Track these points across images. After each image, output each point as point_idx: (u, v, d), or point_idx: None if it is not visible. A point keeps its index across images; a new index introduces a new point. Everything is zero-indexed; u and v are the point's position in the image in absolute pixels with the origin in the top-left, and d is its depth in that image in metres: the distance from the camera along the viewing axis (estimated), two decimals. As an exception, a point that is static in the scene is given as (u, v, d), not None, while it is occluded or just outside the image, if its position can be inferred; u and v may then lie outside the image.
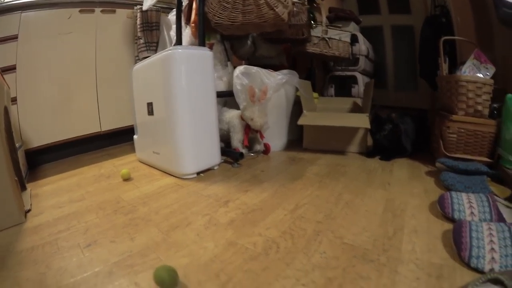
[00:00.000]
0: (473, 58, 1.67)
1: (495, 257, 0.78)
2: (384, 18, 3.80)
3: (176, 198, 1.40)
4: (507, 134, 1.41)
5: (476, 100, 1.56)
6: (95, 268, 0.88)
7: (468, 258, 0.81)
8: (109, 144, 2.78)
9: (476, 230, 0.88)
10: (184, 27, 2.33)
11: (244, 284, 0.78)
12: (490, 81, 1.54)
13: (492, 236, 0.84)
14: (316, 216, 1.14)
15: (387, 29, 3.82)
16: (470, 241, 0.84)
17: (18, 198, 1.26)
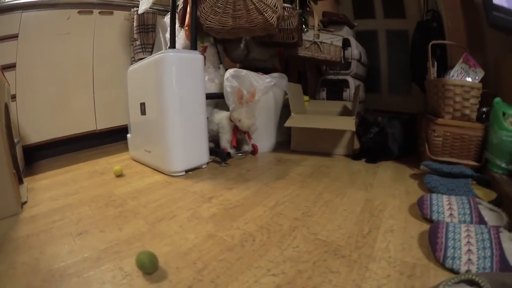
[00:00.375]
0: (462, 62, 1.69)
1: (472, 259, 0.79)
2: (379, 22, 3.83)
3: (164, 194, 1.48)
4: (494, 138, 1.41)
5: (463, 104, 1.57)
6: (85, 254, 0.96)
7: (443, 258, 0.82)
8: (104, 142, 2.83)
9: (453, 231, 0.89)
10: (179, 30, 2.39)
11: (218, 271, 0.84)
12: (478, 85, 1.56)
13: (470, 237, 0.85)
14: (294, 213, 1.20)
15: (382, 33, 3.84)
16: (445, 241, 0.85)
17: (15, 190, 1.34)
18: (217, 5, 1.82)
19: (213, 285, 0.78)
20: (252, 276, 0.81)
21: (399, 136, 1.94)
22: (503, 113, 1.39)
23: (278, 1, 1.78)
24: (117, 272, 0.86)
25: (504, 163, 1.37)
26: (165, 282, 0.81)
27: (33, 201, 1.48)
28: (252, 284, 0.78)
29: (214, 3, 1.83)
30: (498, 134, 1.40)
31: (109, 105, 2.72)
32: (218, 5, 1.82)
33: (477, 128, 1.54)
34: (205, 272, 0.84)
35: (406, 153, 1.96)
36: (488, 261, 0.77)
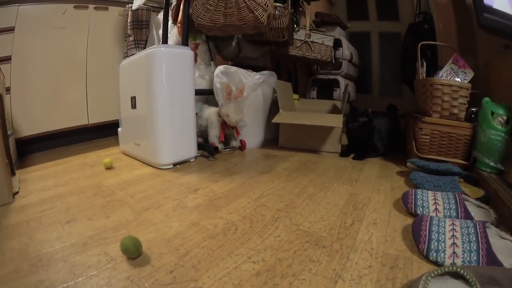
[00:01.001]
0: (451, 62, 1.71)
1: (457, 252, 0.80)
2: (373, 24, 3.87)
3: (151, 185, 1.51)
4: (483, 137, 1.43)
5: (452, 103, 1.59)
6: (72, 240, 0.99)
7: (426, 251, 0.83)
8: (95, 136, 2.85)
9: (438, 224, 0.90)
10: (172, 26, 2.41)
11: (199, 257, 0.86)
12: (467, 85, 1.58)
13: (455, 231, 0.86)
14: (277, 205, 1.23)
15: (375, 35, 3.88)
16: (429, 234, 0.86)
17: (8, 179, 1.36)
18: (209, 2, 1.84)
19: (194, 270, 0.81)
20: (232, 263, 0.84)
21: (384, 133, 1.98)
22: (492, 112, 1.42)
23: (269, 0, 1.80)
24: (102, 257, 0.89)
25: (493, 162, 1.39)
26: (148, 266, 0.83)
27: (24, 191, 1.50)
28: (232, 270, 0.80)
29: (206, 1, 1.85)
30: (486, 133, 1.42)
31: (101, 100, 2.73)
32: (210, 3, 1.84)
33: (465, 127, 1.57)
34: (187, 258, 0.87)
35: (392, 151, 2.00)
36: (474, 255, 0.79)
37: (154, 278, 0.79)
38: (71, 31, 2.50)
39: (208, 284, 0.75)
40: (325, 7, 3.79)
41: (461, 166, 1.53)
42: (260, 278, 0.77)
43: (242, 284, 0.75)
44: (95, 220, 1.14)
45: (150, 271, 0.81)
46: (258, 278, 0.77)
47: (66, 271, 0.82)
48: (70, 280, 0.78)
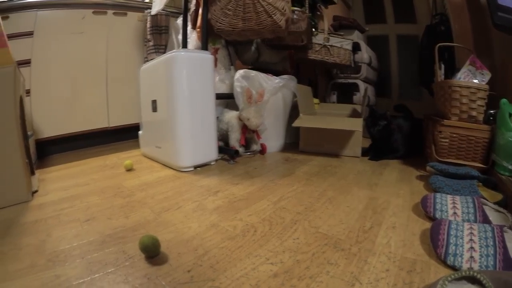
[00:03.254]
0: (469, 64, 1.66)
1: (475, 256, 0.77)
2: (390, 27, 3.82)
3: (171, 187, 1.50)
4: (501, 139, 1.38)
5: (470, 106, 1.54)
6: (90, 238, 0.99)
7: (444, 255, 0.81)
8: (115, 139, 2.87)
9: (456, 228, 0.88)
10: (191, 31, 2.41)
11: (217, 258, 0.85)
12: (485, 86, 1.53)
13: (473, 235, 0.83)
14: (297, 208, 1.20)
15: (393, 38, 3.83)
16: (447, 238, 0.84)
17: (27, 178, 1.37)
18: (228, 7, 1.84)
19: (212, 270, 0.80)
20: (250, 264, 0.82)
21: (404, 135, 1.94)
22: (510, 114, 1.36)
23: (287, 4, 1.80)
24: (120, 255, 0.88)
25: (511, 165, 1.34)
26: (166, 265, 0.83)
27: (43, 190, 1.52)
28: (250, 271, 0.79)
29: (224, 6, 1.85)
30: (505, 135, 1.37)
31: (122, 103, 2.76)
32: (228, 7, 1.84)
33: (484, 130, 1.52)
34: (205, 258, 0.86)
35: (412, 154, 1.96)
36: (491, 259, 0.76)
37: (172, 276, 0.78)
38: (91, 36, 2.55)
39: (225, 284, 0.74)
40: (343, 10, 3.76)
41: (479, 169, 1.46)
42: (278, 280, 0.76)
43: (259, 285, 0.74)
44: (114, 219, 1.14)
45: (168, 270, 0.81)
46: (276, 280, 0.76)
47: (83, 267, 0.82)
48: (86, 276, 0.78)
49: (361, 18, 3.96)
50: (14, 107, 1.33)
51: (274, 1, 1.77)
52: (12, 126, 1.32)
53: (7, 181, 1.32)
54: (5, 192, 1.31)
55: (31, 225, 1.12)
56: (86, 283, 0.75)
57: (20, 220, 1.16)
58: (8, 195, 1.32)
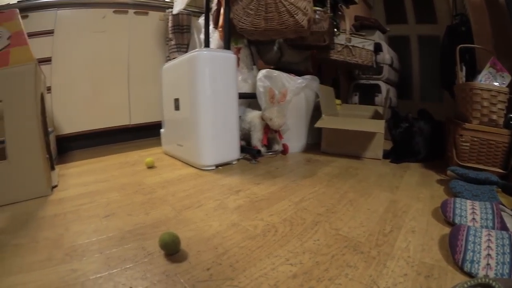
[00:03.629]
0: (489, 66, 1.61)
1: (491, 264, 0.76)
2: (411, 28, 3.74)
3: (193, 185, 1.50)
4: None
5: (490, 109, 1.50)
6: (110, 234, 0.99)
7: (461, 261, 0.79)
8: (137, 137, 2.90)
9: (474, 234, 0.86)
10: (213, 31, 2.41)
11: (237, 257, 0.84)
12: (505, 89, 1.49)
13: (491, 242, 0.82)
14: (318, 209, 1.18)
15: (414, 39, 3.74)
16: (465, 244, 0.82)
17: (47, 172, 1.40)
18: (249, 7, 1.83)
19: (231, 269, 0.79)
20: (270, 264, 0.82)
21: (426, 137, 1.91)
22: None
23: (309, 4, 1.78)
24: (140, 251, 0.88)
25: None
26: (185, 263, 0.82)
27: (63, 185, 1.54)
28: (269, 271, 0.78)
29: (246, 5, 1.84)
30: None
31: (143, 101, 2.78)
32: (250, 7, 1.83)
33: (504, 134, 1.48)
34: (225, 257, 0.85)
35: (433, 157, 1.91)
36: (506, 267, 0.74)
37: (190, 274, 0.77)
38: (112, 35, 2.58)
39: (244, 283, 0.74)
40: (363, 10, 3.71)
41: (499, 175, 1.42)
42: (296, 280, 0.75)
43: (278, 285, 0.73)
44: (134, 216, 1.14)
45: (187, 267, 0.80)
46: (294, 280, 0.75)
47: (101, 262, 0.83)
48: (104, 271, 0.78)
49: (382, 18, 3.88)
50: (35, 103, 1.35)
51: (296, 1, 1.75)
52: (33, 122, 1.34)
53: (27, 175, 1.34)
54: (25, 186, 1.34)
55: (49, 219, 1.13)
56: (103, 278, 0.76)
57: (39, 214, 1.18)
58: (28, 189, 1.35)
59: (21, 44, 1.39)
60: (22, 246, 0.93)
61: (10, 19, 1.43)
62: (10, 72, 1.31)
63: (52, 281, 0.75)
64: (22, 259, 0.85)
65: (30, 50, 1.39)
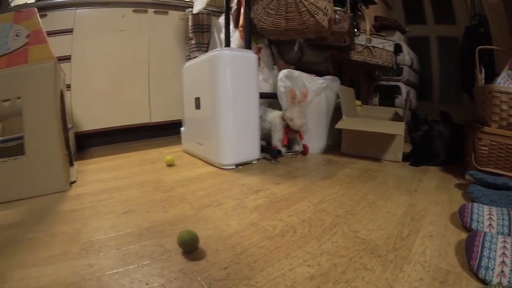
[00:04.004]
0: (508, 68, 1.57)
1: (505, 271, 0.74)
2: (430, 28, 3.66)
3: (212, 184, 1.49)
4: None
5: (509, 113, 1.44)
6: (128, 230, 0.99)
7: (476, 267, 0.77)
8: (157, 135, 2.91)
9: (490, 241, 0.84)
10: (233, 30, 2.40)
11: (255, 257, 0.84)
12: None
13: (506, 249, 0.80)
14: (337, 211, 1.17)
15: (433, 40, 3.66)
16: (481, 250, 0.81)
17: (65, 168, 1.41)
18: (270, 6, 1.82)
19: (249, 269, 0.79)
20: (288, 264, 0.81)
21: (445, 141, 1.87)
22: None
23: (329, 4, 1.76)
24: (157, 248, 0.88)
25: None
26: (203, 261, 0.82)
27: (82, 181, 1.56)
28: (286, 272, 0.78)
29: (266, 5, 1.83)
30: None
31: (164, 100, 2.79)
32: (270, 7, 1.82)
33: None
34: (243, 256, 0.85)
35: (451, 160, 1.87)
36: None
37: (208, 272, 0.77)
38: (132, 34, 2.60)
39: (261, 283, 0.73)
40: (383, 10, 3.66)
41: None
42: (313, 282, 0.74)
43: (294, 286, 0.72)
44: (153, 213, 1.15)
45: (204, 266, 0.80)
46: (311, 282, 0.74)
47: (117, 258, 0.83)
48: (120, 267, 0.79)
49: (401, 19, 3.81)
50: (54, 100, 1.37)
51: (316, 0, 1.73)
52: (52, 119, 1.36)
53: (46, 170, 1.37)
54: (44, 181, 1.37)
55: (67, 214, 1.15)
56: (119, 273, 0.76)
57: (56, 209, 1.20)
58: (46, 184, 1.37)
59: (40, 42, 1.40)
60: (37, 240, 0.94)
61: (28, 17, 1.44)
62: (29, 70, 1.33)
63: (67, 275, 0.76)
64: (37, 253, 0.86)
65: (49, 48, 1.40)
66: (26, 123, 1.31)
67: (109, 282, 0.73)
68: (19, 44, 1.36)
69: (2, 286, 0.73)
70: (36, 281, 0.74)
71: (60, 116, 1.41)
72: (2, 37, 1.37)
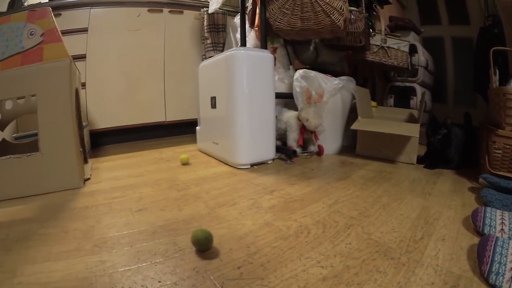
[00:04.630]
0: None
1: None
2: (445, 29, 3.57)
3: (227, 183, 1.48)
4: None
5: None
6: (141, 228, 1.00)
7: (487, 273, 0.76)
8: (172, 134, 2.91)
9: (502, 246, 0.83)
10: (249, 30, 2.39)
11: (269, 257, 0.83)
12: None
13: None
14: (351, 212, 1.16)
15: (448, 40, 3.57)
16: (492, 255, 0.80)
17: (80, 165, 1.42)
18: (285, 6, 1.81)
19: (262, 269, 0.78)
20: (301, 265, 0.81)
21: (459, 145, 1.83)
22: None
23: (344, 4, 1.74)
24: (171, 246, 0.88)
25: None
26: (216, 260, 0.82)
27: (96, 178, 1.57)
28: (299, 272, 0.77)
29: (282, 5, 1.82)
30: None
31: (179, 99, 2.79)
32: (286, 7, 1.81)
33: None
34: (256, 256, 0.84)
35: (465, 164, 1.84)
36: None
37: (221, 272, 0.77)
38: (147, 33, 2.61)
39: (274, 284, 0.73)
40: (397, 10, 3.60)
41: None
42: (326, 283, 0.74)
43: (307, 287, 0.72)
44: (167, 211, 1.14)
45: (218, 265, 0.80)
46: (324, 283, 0.74)
47: (130, 255, 0.83)
48: (133, 264, 0.79)
49: (416, 19, 3.73)
50: (70, 98, 1.39)
51: (332, 0, 1.72)
52: (67, 116, 1.38)
53: (60, 167, 1.38)
54: (58, 177, 1.38)
55: (80, 210, 1.15)
56: (132, 270, 0.76)
57: (70, 205, 1.20)
58: (60, 180, 1.39)
59: (55, 41, 1.41)
60: (50, 235, 0.94)
61: (42, 17, 1.45)
62: (44, 68, 1.34)
63: (79, 270, 0.76)
64: (50, 248, 0.86)
65: (64, 47, 1.41)
66: (40, 120, 1.32)
67: (121, 279, 0.73)
68: (34, 42, 1.37)
69: (12, 280, 0.73)
70: (47, 276, 0.74)
71: (75, 114, 1.42)
72: (16, 35, 1.38)
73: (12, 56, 1.33)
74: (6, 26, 1.39)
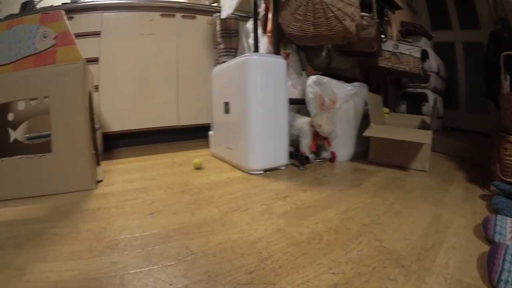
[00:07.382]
0: None
1: None
2: (456, 34, 3.50)
3: (240, 188, 1.47)
4: None
5: None
6: (154, 230, 0.99)
7: (496, 281, 0.75)
8: (185, 138, 2.91)
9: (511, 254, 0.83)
10: (262, 35, 2.38)
11: (281, 262, 0.83)
12: None
13: None
14: (363, 219, 1.15)
15: (459, 45, 3.50)
16: (502, 264, 0.79)
17: (92, 167, 1.43)
18: (298, 12, 1.80)
19: (274, 274, 0.78)
20: (312, 271, 0.80)
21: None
22: None
23: (356, 10, 1.73)
24: (183, 249, 0.88)
25: None
26: (228, 265, 0.82)
27: (108, 180, 1.59)
28: (311, 279, 0.77)
29: (294, 11, 1.81)
30: None
31: (192, 104, 2.80)
32: (298, 13, 1.79)
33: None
34: (268, 261, 0.84)
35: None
36: None
37: (232, 276, 0.77)
38: (160, 38, 2.63)
39: None
40: (408, 16, 3.58)
41: None
42: None
43: None
44: (180, 215, 1.14)
45: (229, 269, 0.80)
46: None
47: (142, 257, 0.84)
48: (145, 267, 0.79)
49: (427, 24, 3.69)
50: (82, 101, 1.40)
51: (344, 6, 1.70)
52: (80, 118, 1.40)
53: (72, 168, 1.39)
54: (70, 179, 1.39)
55: (92, 212, 1.16)
56: (143, 273, 0.77)
57: (82, 206, 1.22)
58: (73, 181, 1.40)
59: (68, 44, 1.42)
60: (61, 235, 0.95)
61: (55, 20, 1.46)
62: (57, 70, 1.35)
63: (90, 271, 0.77)
64: (61, 248, 0.87)
65: (78, 50, 1.42)
66: (53, 121, 1.34)
67: (132, 281, 0.73)
68: (47, 45, 1.38)
69: (21, 278, 0.74)
70: (57, 275, 0.75)
71: (88, 117, 1.43)
72: (29, 37, 1.39)
73: (25, 57, 1.34)
74: (18, 28, 1.40)
